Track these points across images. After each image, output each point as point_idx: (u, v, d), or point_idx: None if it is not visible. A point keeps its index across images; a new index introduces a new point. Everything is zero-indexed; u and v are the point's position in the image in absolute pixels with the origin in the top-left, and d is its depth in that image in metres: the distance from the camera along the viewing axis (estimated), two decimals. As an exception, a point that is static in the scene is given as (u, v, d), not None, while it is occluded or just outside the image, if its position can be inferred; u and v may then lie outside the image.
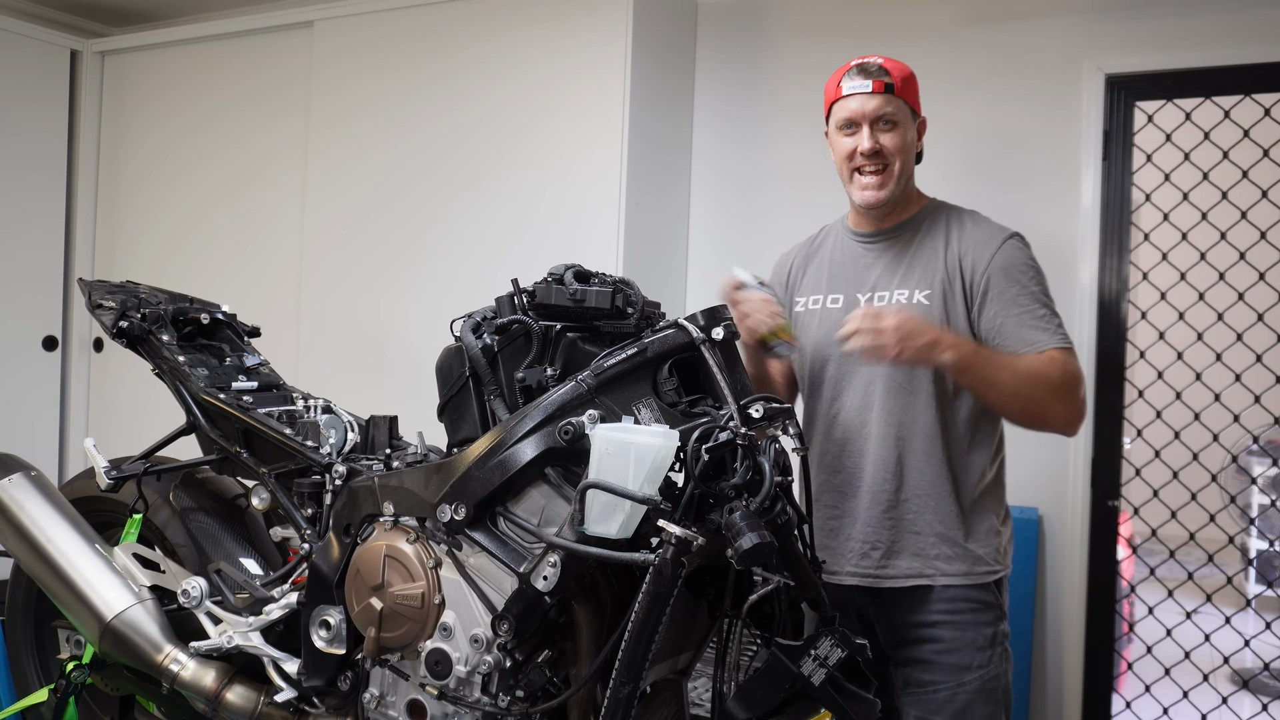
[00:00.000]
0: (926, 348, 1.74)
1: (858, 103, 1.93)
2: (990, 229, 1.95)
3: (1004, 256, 1.89)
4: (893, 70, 1.93)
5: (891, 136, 1.92)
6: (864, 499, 1.93)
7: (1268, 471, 3.99)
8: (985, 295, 1.88)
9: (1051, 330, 1.85)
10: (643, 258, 3.14)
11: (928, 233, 1.97)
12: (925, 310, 1.88)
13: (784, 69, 3.30)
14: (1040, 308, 1.87)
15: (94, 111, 4.14)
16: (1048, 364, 1.81)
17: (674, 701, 1.79)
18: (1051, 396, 1.80)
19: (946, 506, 1.90)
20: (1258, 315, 2.84)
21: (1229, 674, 3.50)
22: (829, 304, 2.02)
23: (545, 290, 1.73)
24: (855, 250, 2.04)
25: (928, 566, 1.89)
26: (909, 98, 1.95)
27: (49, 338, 4.06)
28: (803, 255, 2.15)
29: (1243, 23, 2.72)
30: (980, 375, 1.79)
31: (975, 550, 1.90)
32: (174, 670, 1.97)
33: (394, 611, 1.71)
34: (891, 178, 1.93)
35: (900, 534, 1.91)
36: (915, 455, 1.90)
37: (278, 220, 3.73)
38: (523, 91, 3.23)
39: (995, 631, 1.90)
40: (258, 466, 2.06)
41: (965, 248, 1.92)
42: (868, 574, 1.93)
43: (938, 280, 1.91)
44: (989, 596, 1.91)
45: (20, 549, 2.14)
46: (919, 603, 1.90)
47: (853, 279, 2.01)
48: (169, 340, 2.22)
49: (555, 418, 1.59)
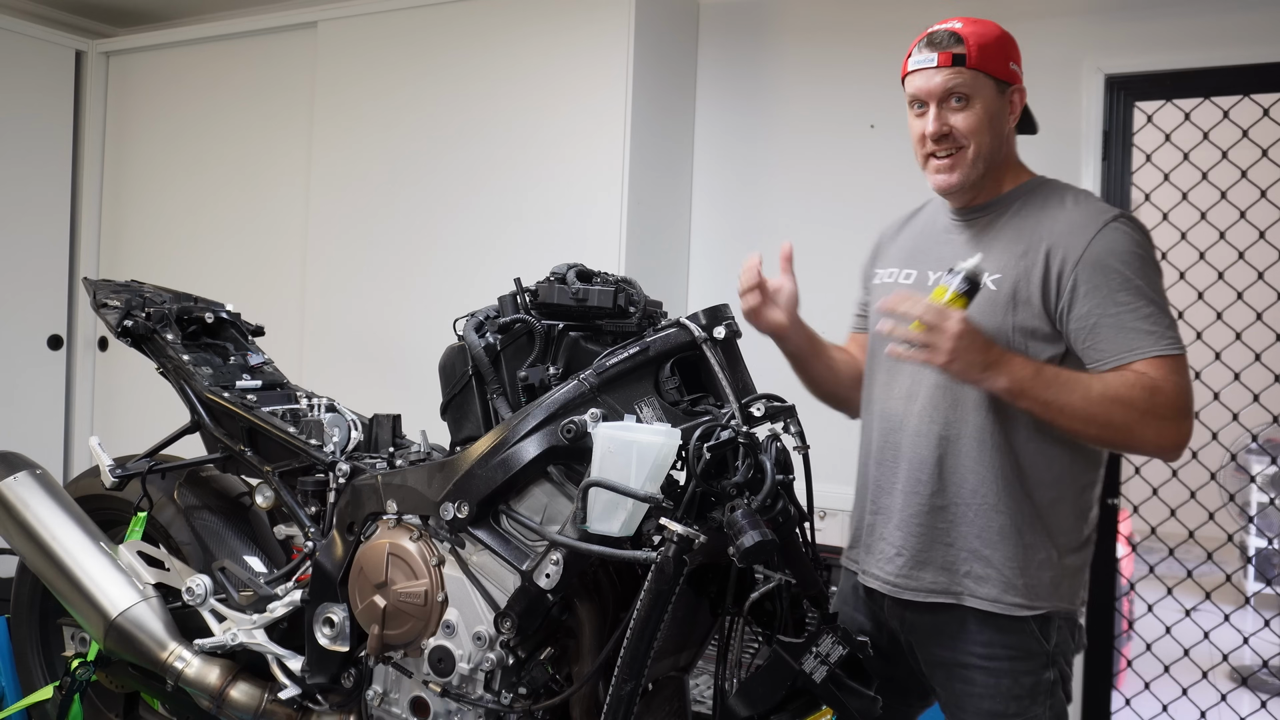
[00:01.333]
0: (981, 367, 1.54)
1: (923, 79, 1.69)
2: (1090, 211, 1.66)
3: (1102, 244, 1.60)
4: (969, 36, 1.67)
5: (964, 116, 1.67)
6: (898, 498, 1.74)
7: (1266, 470, 4.00)
8: (1075, 289, 1.60)
9: (1158, 334, 1.58)
10: (645, 257, 3.14)
11: (1017, 213, 1.72)
12: (990, 296, 1.64)
13: (785, 69, 3.30)
14: (1145, 304, 1.58)
15: (99, 111, 4.15)
16: (1133, 383, 1.55)
17: (676, 699, 1.80)
18: (1137, 421, 1.55)
19: (988, 521, 1.66)
20: (1257, 314, 2.85)
21: (1228, 671, 3.50)
22: (902, 279, 1.82)
23: (548, 289, 1.74)
24: (945, 226, 1.82)
25: (955, 583, 1.68)
26: (991, 67, 1.67)
27: (54, 337, 4.08)
28: (897, 226, 1.95)
29: (1241, 23, 2.73)
30: (1042, 400, 1.55)
31: (1012, 578, 1.64)
32: (178, 667, 1.98)
33: (397, 609, 1.72)
34: (965, 161, 1.68)
35: (931, 543, 1.70)
36: (960, 458, 1.68)
37: (282, 219, 3.74)
38: (525, 91, 3.24)
39: (1037, 681, 1.66)
40: (262, 465, 2.07)
41: (1057, 235, 1.64)
42: (890, 580, 1.74)
43: (1012, 265, 1.66)
44: (1030, 641, 1.66)
45: (25, 547, 2.15)
46: (949, 632, 1.69)
47: (930, 255, 1.80)
48: (173, 339, 2.23)
49: (558, 416, 1.60)
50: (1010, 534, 1.65)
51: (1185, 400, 1.58)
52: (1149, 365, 1.57)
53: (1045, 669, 1.67)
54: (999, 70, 1.69)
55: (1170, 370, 1.57)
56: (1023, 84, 1.74)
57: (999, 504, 1.66)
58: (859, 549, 1.85)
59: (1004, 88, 1.71)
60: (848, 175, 3.13)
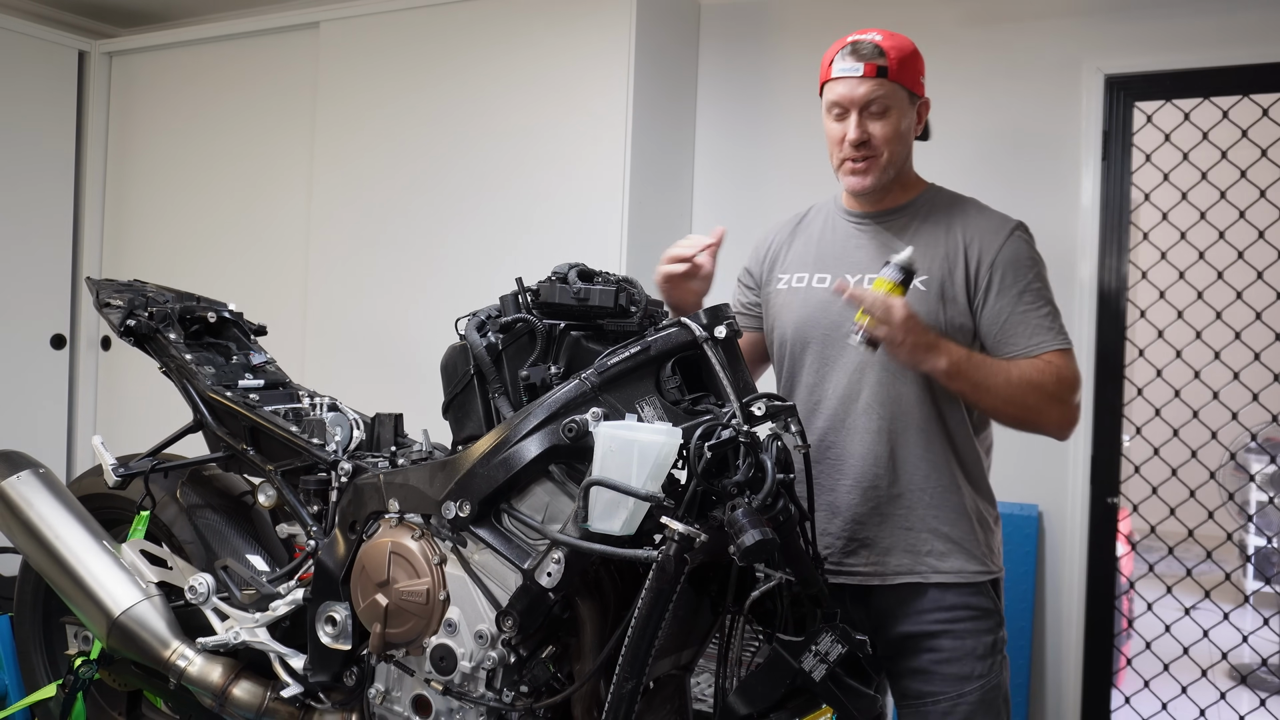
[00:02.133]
0: (926, 348, 1.69)
1: (846, 88, 1.81)
2: (995, 219, 1.86)
3: (1011, 249, 1.81)
4: (890, 49, 1.81)
5: (881, 125, 1.81)
6: (849, 493, 1.85)
7: (1266, 469, 4.01)
8: (989, 288, 1.80)
9: (1055, 331, 1.79)
10: (646, 257, 3.15)
11: (926, 218, 1.87)
12: (921, 296, 1.80)
13: (785, 70, 3.31)
14: (1044, 305, 1.80)
15: (101, 112, 4.17)
16: (1043, 370, 1.76)
17: (677, 697, 1.80)
18: (1045, 403, 1.76)
19: (945, 500, 1.82)
20: (1256, 314, 2.86)
21: (1227, 669, 3.51)
22: (814, 283, 1.92)
23: (549, 289, 1.75)
24: (847, 230, 1.95)
25: (919, 563, 1.82)
26: (906, 80, 1.82)
27: (57, 336, 4.09)
28: (788, 231, 2.06)
29: (1241, 24, 2.74)
30: (972, 381, 1.73)
31: (970, 549, 1.83)
32: (181, 666, 1.99)
33: (399, 607, 1.72)
34: (878, 167, 1.84)
35: (892, 530, 1.83)
36: (910, 448, 1.82)
37: (284, 219, 3.75)
38: (527, 92, 3.25)
39: (995, 639, 1.83)
40: (264, 464, 2.08)
41: (971, 236, 1.83)
42: (858, 571, 1.85)
43: (936, 266, 1.82)
44: (987, 603, 1.84)
45: (28, 545, 2.16)
46: (914, 608, 1.82)
47: (843, 259, 1.91)
48: (176, 338, 2.24)
49: (559, 415, 1.60)
50: (963, 511, 1.83)
51: (1077, 384, 1.81)
52: (1053, 356, 1.78)
53: (999, 628, 1.85)
54: (913, 84, 1.85)
55: (1067, 360, 1.79)
56: (927, 97, 1.90)
57: (951, 484, 1.83)
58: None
59: (914, 100, 1.87)
60: (849, 175, 3.14)
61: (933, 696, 1.80)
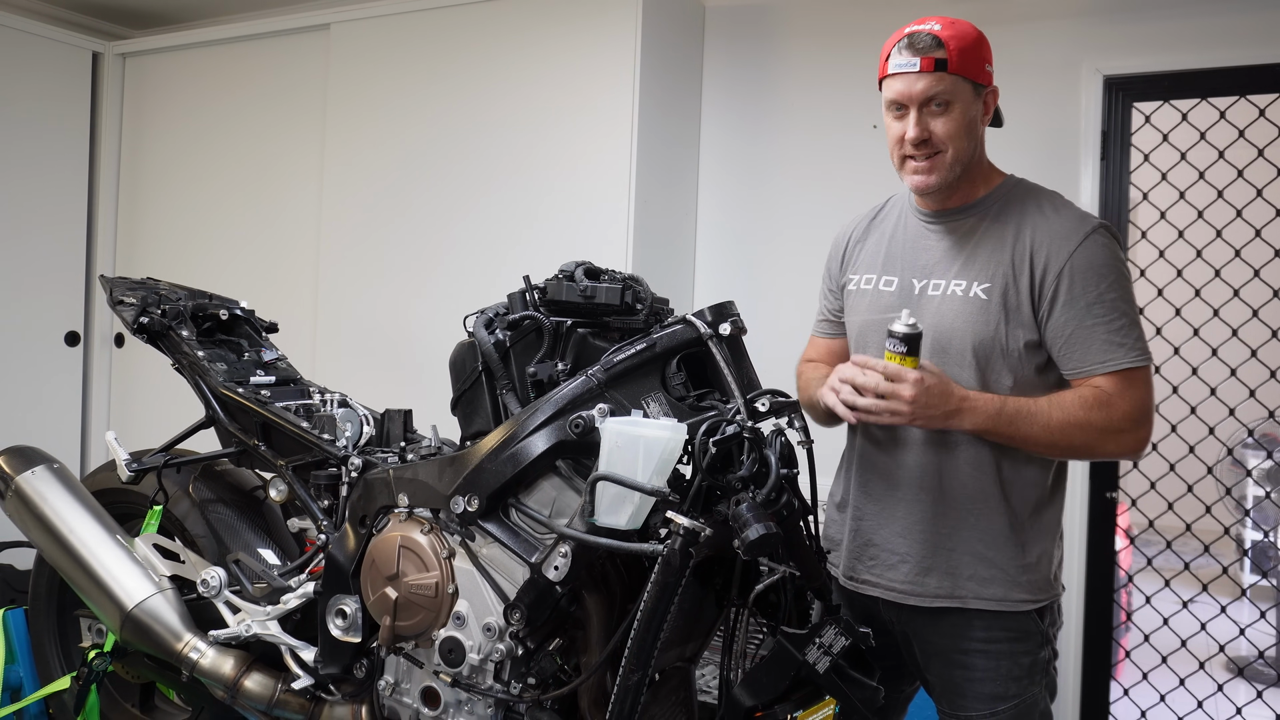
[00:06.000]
0: (945, 416, 1.60)
1: (904, 84, 1.67)
2: (1072, 220, 1.69)
3: (1085, 255, 1.63)
4: (949, 40, 1.64)
5: (943, 121, 1.66)
6: (897, 506, 1.76)
7: (1262, 464, 4.01)
8: (1055, 298, 1.64)
9: (1127, 347, 1.62)
10: (651, 255, 3.17)
11: (997, 218, 1.72)
12: (982, 305, 1.67)
13: (789, 70, 3.32)
14: (1118, 318, 1.62)
15: (115, 112, 4.19)
16: (1091, 405, 1.61)
17: (682, 689, 1.82)
18: (1096, 439, 1.62)
19: (991, 523, 1.70)
20: (1253, 311, 2.87)
21: (1224, 662, 3.52)
22: (882, 286, 1.81)
23: (556, 287, 1.76)
24: (917, 230, 1.81)
25: (959, 588, 1.70)
26: (969, 70, 1.66)
27: (71, 333, 4.12)
28: (862, 229, 1.93)
29: (1238, 25, 2.75)
30: (1006, 435, 1.63)
31: (1017, 576, 1.69)
32: (193, 658, 2.01)
33: (408, 601, 1.74)
34: (943, 165, 1.69)
35: (935, 549, 1.72)
36: (959, 466, 1.70)
37: (295, 218, 3.78)
38: (535, 92, 3.27)
39: (1034, 660, 1.71)
40: (275, 459, 2.10)
41: (1040, 240, 1.66)
42: (896, 588, 1.75)
43: (1000, 273, 1.67)
44: (1029, 624, 1.71)
45: (43, 540, 2.18)
46: (950, 627, 1.73)
47: (910, 262, 1.79)
48: (188, 336, 2.26)
49: (566, 411, 1.62)
50: (1009, 535, 1.70)
51: (1142, 411, 1.64)
52: (1109, 380, 1.62)
53: (1041, 648, 1.73)
54: (976, 74, 1.69)
55: (1130, 384, 1.63)
56: (994, 84, 1.75)
57: (998, 507, 1.70)
58: (840, 553, 1.86)
59: (980, 90, 1.71)
60: (851, 175, 3.16)
61: (965, 711, 1.73)
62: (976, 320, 1.68)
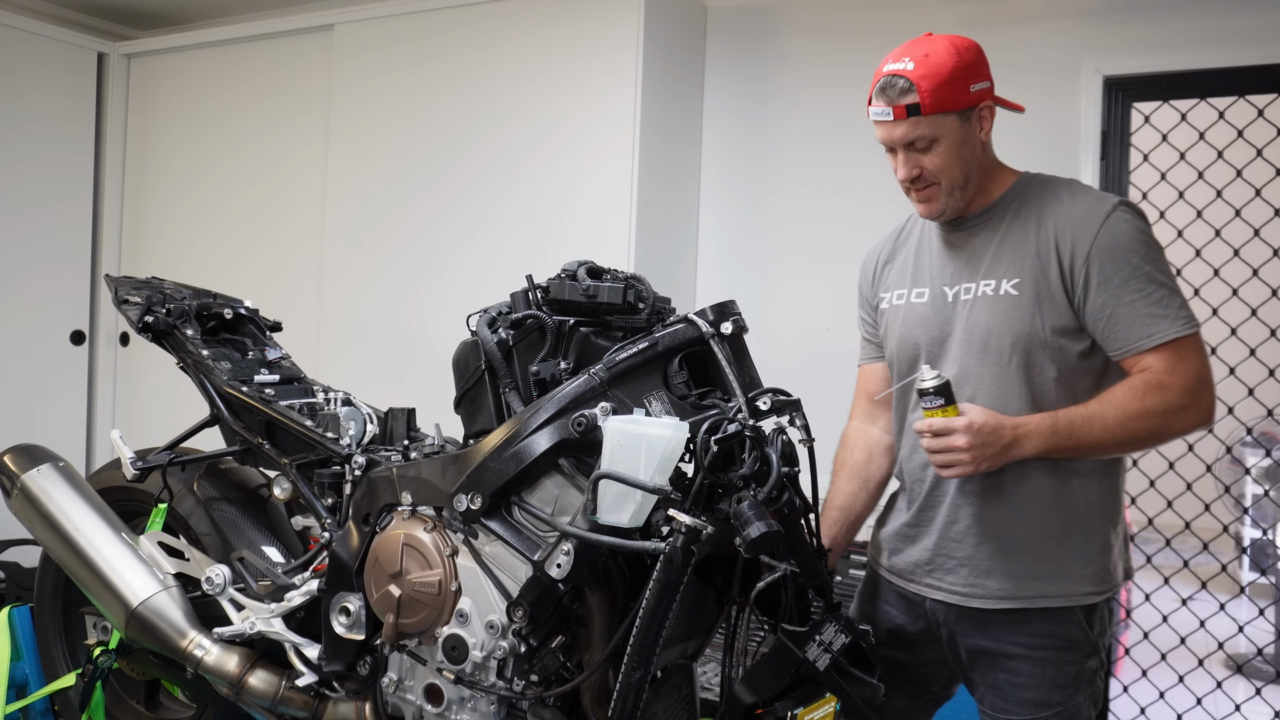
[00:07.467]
0: (1003, 451, 1.59)
1: (884, 131, 1.70)
2: (1090, 203, 1.67)
3: (1110, 234, 1.62)
4: (920, 81, 1.63)
5: (931, 157, 1.68)
6: (952, 510, 1.73)
7: (1261, 462, 4.01)
8: (1088, 282, 1.62)
9: (1171, 317, 1.59)
10: (653, 254, 3.18)
11: (1017, 215, 1.72)
12: (1014, 301, 1.67)
13: (791, 71, 3.33)
14: (1156, 289, 1.60)
15: (120, 112, 4.21)
16: (1141, 394, 1.58)
17: (684, 686, 1.82)
18: (1162, 423, 1.60)
19: (1048, 519, 1.68)
20: (1251, 310, 2.88)
21: (1223, 659, 3.52)
22: (914, 298, 1.81)
23: (559, 286, 1.77)
24: (941, 240, 1.81)
25: (1022, 589, 1.68)
26: (947, 105, 1.65)
27: (76, 332, 4.14)
28: (888, 250, 1.94)
29: (1237, 26, 2.75)
30: (1071, 449, 1.61)
31: (1079, 568, 1.68)
32: (198, 655, 2.02)
33: (412, 598, 1.75)
34: (941, 194, 1.71)
35: (995, 551, 1.69)
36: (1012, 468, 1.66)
37: (299, 218, 3.79)
38: (537, 93, 3.28)
39: (1080, 670, 1.69)
40: (279, 457, 2.11)
41: (1062, 228, 1.66)
42: (956, 590, 1.72)
43: (1028, 267, 1.67)
44: (1077, 632, 1.68)
45: (49, 537, 2.19)
46: (997, 630, 1.70)
47: (938, 272, 1.79)
48: (193, 335, 2.27)
49: (568, 410, 1.63)
50: (1071, 528, 1.69)
51: (1198, 381, 1.61)
52: (1158, 356, 1.59)
53: (1089, 658, 1.70)
54: (957, 103, 1.66)
55: (1180, 356, 1.60)
56: (991, 91, 1.72)
57: (1055, 501, 1.68)
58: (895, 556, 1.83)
59: (968, 114, 1.69)
60: (852, 175, 3.16)
61: (1006, 715, 1.71)
62: (1011, 316, 1.67)
